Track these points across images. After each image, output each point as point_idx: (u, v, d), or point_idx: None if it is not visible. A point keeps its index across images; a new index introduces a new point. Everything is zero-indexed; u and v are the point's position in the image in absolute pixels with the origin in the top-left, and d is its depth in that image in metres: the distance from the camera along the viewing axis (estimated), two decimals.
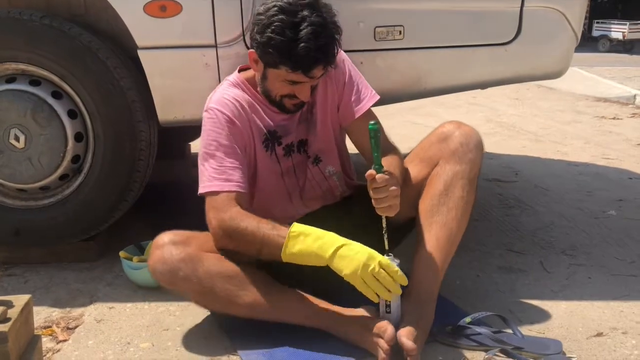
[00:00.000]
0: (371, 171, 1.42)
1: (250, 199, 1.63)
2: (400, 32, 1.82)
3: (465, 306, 1.69)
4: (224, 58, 1.81)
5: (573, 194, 2.79)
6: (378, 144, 1.45)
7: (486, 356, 1.44)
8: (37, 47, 1.83)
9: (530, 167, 3.27)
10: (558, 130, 4.35)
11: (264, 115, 1.63)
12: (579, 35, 2.01)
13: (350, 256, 1.37)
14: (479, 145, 1.60)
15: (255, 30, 1.52)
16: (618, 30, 12.45)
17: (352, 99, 1.65)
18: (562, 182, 2.99)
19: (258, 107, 1.62)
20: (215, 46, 1.80)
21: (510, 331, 1.52)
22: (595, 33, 12.90)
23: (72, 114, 1.89)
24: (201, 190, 1.52)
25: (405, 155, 1.69)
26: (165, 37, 1.80)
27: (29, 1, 1.91)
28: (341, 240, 1.40)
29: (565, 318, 1.66)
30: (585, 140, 4.03)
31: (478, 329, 1.49)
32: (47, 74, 1.87)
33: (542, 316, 1.66)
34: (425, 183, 1.61)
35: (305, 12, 1.46)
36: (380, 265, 1.36)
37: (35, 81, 1.89)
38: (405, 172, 1.63)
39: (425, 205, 1.58)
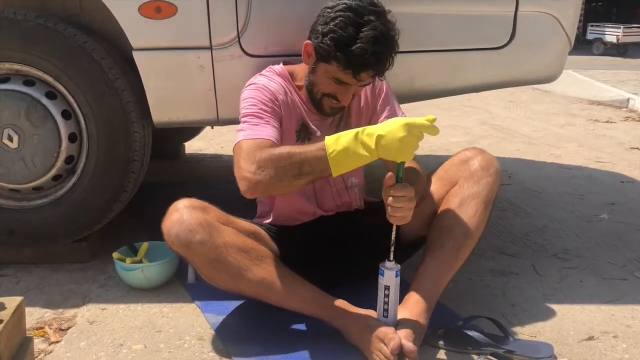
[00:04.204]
0: (392, 178, 1.38)
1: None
2: None
3: (457, 309, 1.70)
4: (219, 60, 1.81)
5: (566, 197, 2.81)
6: None
7: (477, 359, 1.44)
8: (31, 47, 1.82)
9: (524, 170, 3.28)
10: (552, 133, 4.37)
11: (301, 110, 1.65)
12: (573, 40, 2.02)
13: (389, 124, 1.34)
14: (498, 172, 1.64)
15: (318, 22, 1.55)
16: (612, 34, 12.48)
17: (386, 115, 1.69)
18: (555, 185, 3.00)
19: (297, 100, 1.65)
20: (211, 48, 1.80)
21: (502, 334, 1.53)
22: (589, 36, 12.92)
23: (66, 115, 1.89)
24: (234, 144, 1.50)
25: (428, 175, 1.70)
26: (160, 39, 1.80)
27: (23, 0, 1.90)
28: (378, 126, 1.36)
29: (557, 321, 1.67)
30: (578, 143, 4.05)
31: (470, 332, 1.50)
32: (42, 75, 1.86)
33: (534, 319, 1.67)
34: (442, 202, 1.64)
35: (372, 17, 1.48)
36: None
37: (29, 81, 1.88)
38: (425, 187, 1.65)
39: (439, 219, 1.61)
